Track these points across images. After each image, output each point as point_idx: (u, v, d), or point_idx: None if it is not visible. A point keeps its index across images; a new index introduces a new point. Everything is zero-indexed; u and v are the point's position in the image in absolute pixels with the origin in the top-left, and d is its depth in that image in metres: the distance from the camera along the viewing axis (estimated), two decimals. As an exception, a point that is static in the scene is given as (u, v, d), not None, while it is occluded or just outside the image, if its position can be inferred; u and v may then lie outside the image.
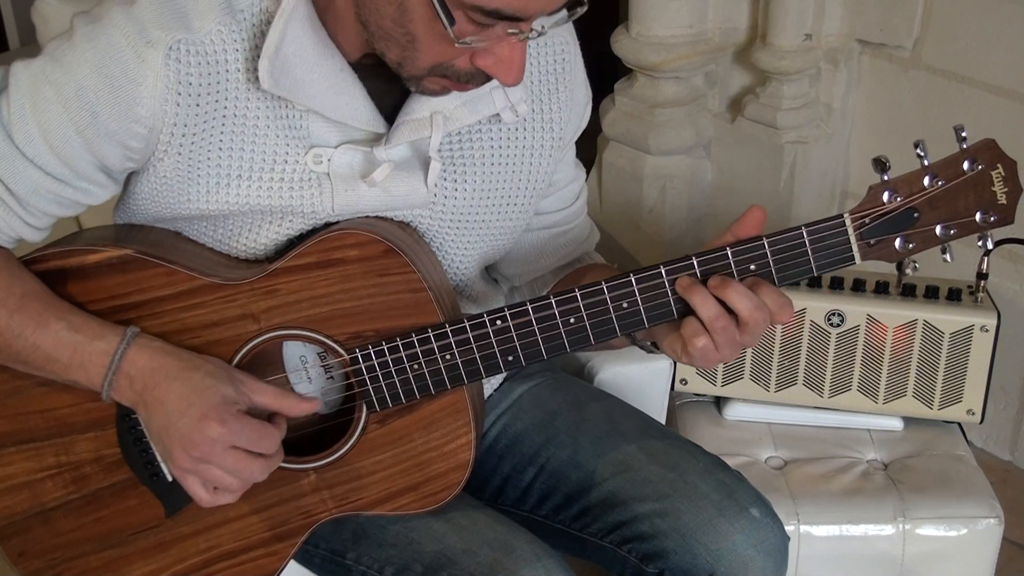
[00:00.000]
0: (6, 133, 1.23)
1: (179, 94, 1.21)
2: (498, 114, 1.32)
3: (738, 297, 1.20)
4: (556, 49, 1.37)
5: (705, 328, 1.21)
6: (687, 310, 1.22)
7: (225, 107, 1.23)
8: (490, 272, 1.54)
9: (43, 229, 1.31)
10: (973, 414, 1.87)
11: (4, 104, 1.23)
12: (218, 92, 1.22)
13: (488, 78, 1.20)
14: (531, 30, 1.15)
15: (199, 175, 1.26)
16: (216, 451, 1.21)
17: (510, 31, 1.14)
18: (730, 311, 1.21)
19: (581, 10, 1.20)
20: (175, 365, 1.24)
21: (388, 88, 1.27)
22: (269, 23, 1.21)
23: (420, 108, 1.27)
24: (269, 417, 1.27)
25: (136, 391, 1.24)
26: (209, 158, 1.25)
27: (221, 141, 1.24)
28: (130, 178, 1.31)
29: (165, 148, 1.24)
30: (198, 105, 1.22)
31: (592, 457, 1.44)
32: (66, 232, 1.39)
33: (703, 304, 1.21)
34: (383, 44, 1.19)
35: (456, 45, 1.15)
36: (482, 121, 1.33)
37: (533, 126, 1.38)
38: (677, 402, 2.01)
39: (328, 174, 1.28)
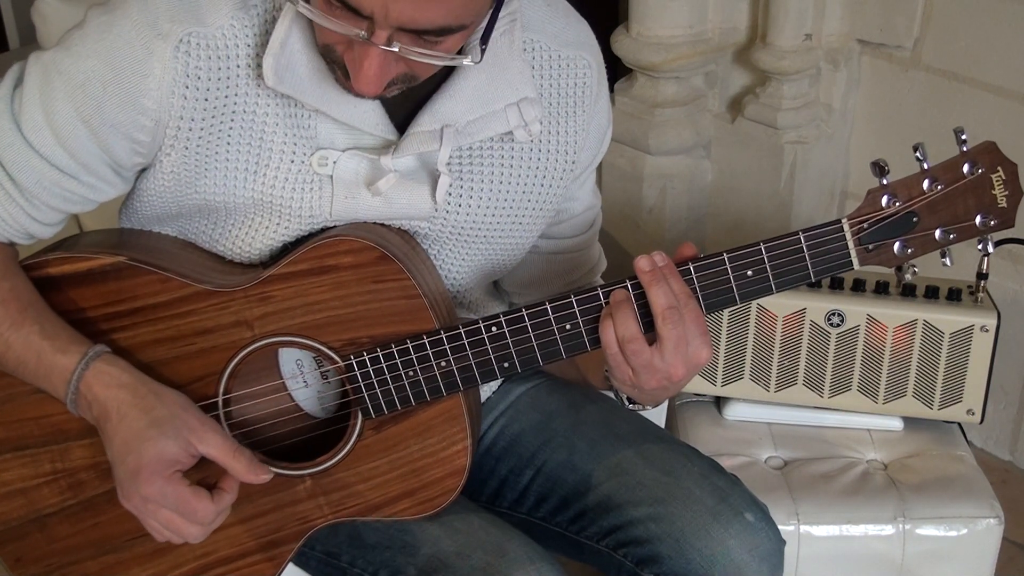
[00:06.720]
0: (15, 122, 1.23)
1: (187, 87, 1.20)
2: (511, 132, 1.30)
3: (658, 293, 1.21)
4: (577, 72, 1.35)
5: (618, 343, 1.23)
6: None
7: (235, 102, 1.23)
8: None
9: (50, 224, 1.30)
10: (973, 414, 1.86)
11: (17, 94, 1.23)
12: (227, 87, 1.22)
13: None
14: (388, 40, 1.10)
15: (206, 170, 1.25)
16: (148, 508, 1.22)
17: (360, 32, 1.10)
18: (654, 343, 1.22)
19: (463, 59, 1.16)
20: (127, 401, 1.22)
21: (402, 97, 1.24)
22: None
23: (431, 120, 1.25)
24: (217, 481, 1.25)
25: (94, 416, 1.24)
26: (217, 153, 1.24)
27: (229, 136, 1.24)
28: (138, 175, 1.30)
29: (172, 142, 1.23)
30: (206, 99, 1.21)
31: (588, 460, 1.44)
32: (71, 232, 1.39)
33: (622, 322, 1.22)
34: None
35: (294, 5, 1.13)
36: (494, 138, 1.32)
37: (547, 147, 1.36)
38: (677, 402, 2.01)
39: (331, 177, 1.27)
